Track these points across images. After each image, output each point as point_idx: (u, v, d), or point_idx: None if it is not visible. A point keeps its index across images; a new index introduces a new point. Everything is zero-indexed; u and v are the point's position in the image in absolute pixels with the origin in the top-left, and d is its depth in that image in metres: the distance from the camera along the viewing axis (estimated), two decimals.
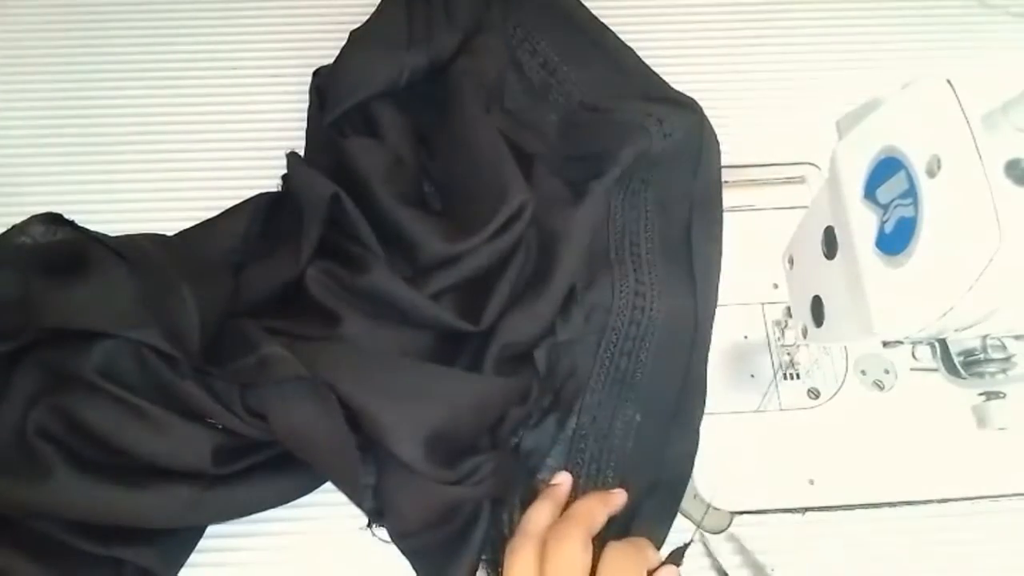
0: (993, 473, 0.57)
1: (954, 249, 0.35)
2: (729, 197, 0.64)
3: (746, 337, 0.61)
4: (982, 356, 0.45)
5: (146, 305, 0.51)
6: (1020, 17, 0.71)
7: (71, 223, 0.58)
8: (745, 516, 0.56)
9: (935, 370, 0.48)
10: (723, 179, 0.64)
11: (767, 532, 0.55)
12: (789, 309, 0.57)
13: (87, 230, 0.57)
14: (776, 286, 0.61)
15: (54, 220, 0.58)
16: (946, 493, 0.57)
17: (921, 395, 0.58)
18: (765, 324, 0.60)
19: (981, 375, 0.46)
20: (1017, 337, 0.45)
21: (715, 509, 0.56)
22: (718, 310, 0.60)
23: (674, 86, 0.67)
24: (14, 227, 0.57)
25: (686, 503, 0.56)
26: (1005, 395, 0.47)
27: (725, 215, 0.63)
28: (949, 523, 0.56)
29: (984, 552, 0.56)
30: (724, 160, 0.65)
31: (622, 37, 0.70)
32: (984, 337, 0.45)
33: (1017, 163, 0.34)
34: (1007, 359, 0.45)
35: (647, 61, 0.69)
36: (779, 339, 0.59)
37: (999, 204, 0.33)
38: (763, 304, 0.61)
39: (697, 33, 0.72)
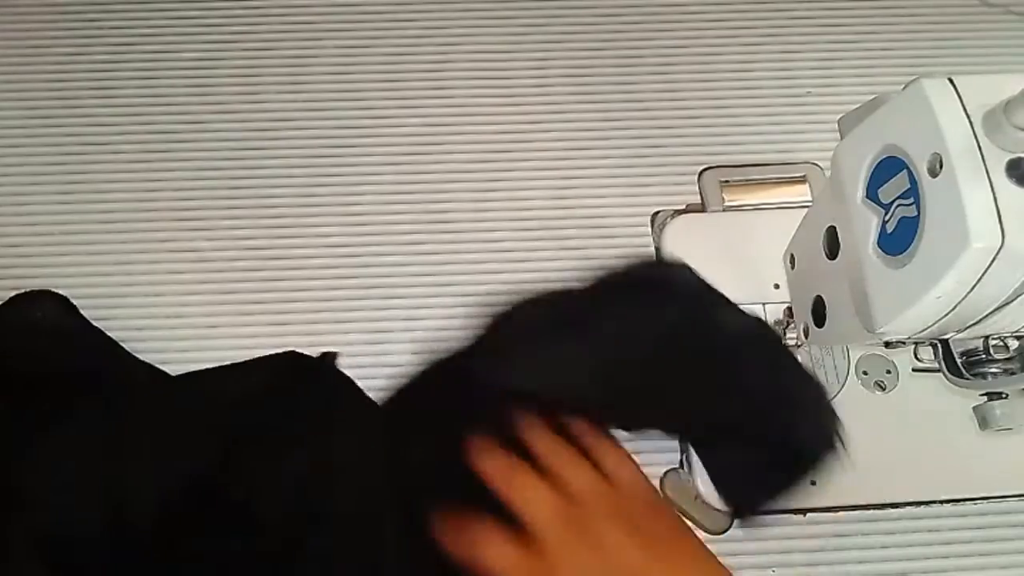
0: (995, 474, 0.57)
1: (956, 249, 0.35)
2: (730, 197, 0.64)
3: None
4: (984, 356, 0.45)
5: (103, 468, 0.49)
6: (1021, 16, 0.71)
7: (83, 319, 0.58)
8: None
9: (937, 371, 0.47)
10: (723, 179, 0.64)
11: (768, 533, 0.55)
12: (790, 309, 0.57)
13: (95, 333, 0.57)
14: (777, 286, 0.61)
15: (70, 309, 0.58)
16: (948, 494, 0.56)
17: (923, 396, 0.58)
18: None
19: (984, 376, 0.46)
20: (1019, 337, 0.45)
21: (716, 510, 0.56)
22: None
23: (676, 86, 0.68)
24: (29, 294, 0.57)
25: (686, 503, 0.56)
26: (1007, 396, 0.47)
27: (727, 215, 0.63)
28: (951, 524, 0.56)
29: (985, 552, 0.56)
30: (725, 160, 0.65)
31: (624, 37, 0.70)
32: (986, 337, 0.45)
33: (1019, 163, 0.34)
34: (1009, 359, 0.45)
35: (649, 62, 0.69)
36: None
37: (1001, 204, 0.33)
38: (764, 304, 0.61)
39: (698, 33, 0.71)
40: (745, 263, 0.61)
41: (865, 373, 0.59)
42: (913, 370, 0.59)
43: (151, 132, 0.67)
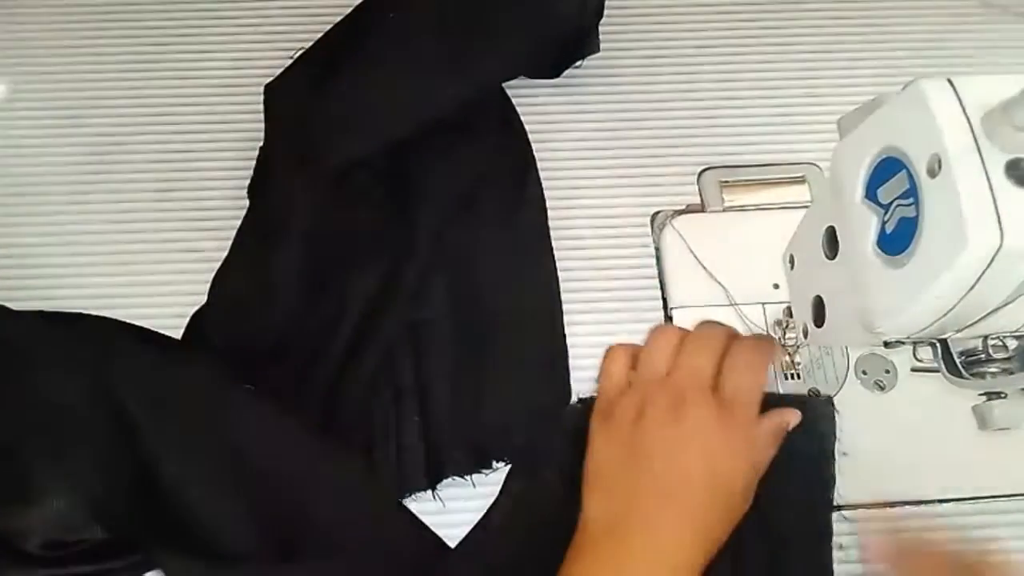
0: (994, 474, 0.57)
1: (955, 249, 0.35)
2: (730, 197, 0.64)
3: None
4: (983, 356, 0.45)
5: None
6: (1020, 17, 0.71)
7: None
8: None
9: (936, 370, 0.48)
10: (723, 179, 0.65)
11: None
12: (790, 309, 0.57)
13: None
14: (777, 286, 0.61)
15: None
16: (948, 494, 0.57)
17: (922, 396, 0.58)
18: (766, 324, 0.60)
19: (983, 375, 0.46)
20: (1018, 337, 0.45)
21: None
22: (719, 311, 0.60)
23: (674, 86, 0.68)
24: None
25: None
26: (1006, 395, 0.47)
27: (727, 215, 0.63)
28: (951, 523, 0.56)
29: (985, 552, 0.56)
30: (725, 160, 0.65)
31: (624, 37, 0.70)
32: (985, 337, 0.45)
33: (1018, 163, 0.34)
34: (1008, 359, 0.45)
35: (648, 61, 0.70)
36: (780, 339, 0.59)
37: (1000, 204, 0.33)
38: (764, 304, 0.61)
39: (697, 33, 0.72)
40: (745, 263, 0.61)
41: (865, 373, 0.59)
42: (912, 370, 0.59)
43: (172, 132, 0.67)
